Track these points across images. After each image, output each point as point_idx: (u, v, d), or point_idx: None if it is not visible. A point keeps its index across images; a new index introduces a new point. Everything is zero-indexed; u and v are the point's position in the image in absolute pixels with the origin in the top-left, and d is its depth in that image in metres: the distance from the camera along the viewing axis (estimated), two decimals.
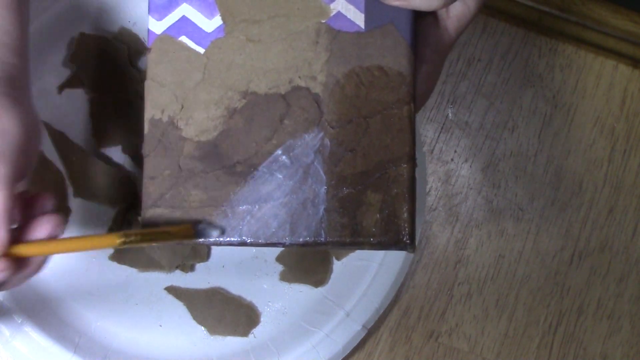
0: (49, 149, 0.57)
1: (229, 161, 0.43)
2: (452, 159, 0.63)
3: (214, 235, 0.43)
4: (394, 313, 0.60)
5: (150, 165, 0.44)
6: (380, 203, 0.43)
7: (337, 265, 0.59)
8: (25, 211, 0.41)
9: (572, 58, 0.65)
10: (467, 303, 0.61)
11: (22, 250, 0.39)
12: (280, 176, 0.43)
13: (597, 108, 0.65)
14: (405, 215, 0.43)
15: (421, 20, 0.45)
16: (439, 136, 0.63)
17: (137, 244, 0.41)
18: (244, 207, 0.43)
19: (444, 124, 0.63)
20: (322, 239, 0.43)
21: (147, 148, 0.44)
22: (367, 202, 0.43)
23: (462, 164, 0.63)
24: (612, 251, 0.63)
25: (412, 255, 0.59)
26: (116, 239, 0.40)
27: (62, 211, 0.57)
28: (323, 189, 0.43)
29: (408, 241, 0.43)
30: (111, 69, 0.58)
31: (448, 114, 0.63)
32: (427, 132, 0.63)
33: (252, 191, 0.43)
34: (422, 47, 0.45)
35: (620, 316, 0.62)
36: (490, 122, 0.64)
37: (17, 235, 0.40)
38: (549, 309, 0.62)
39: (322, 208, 0.43)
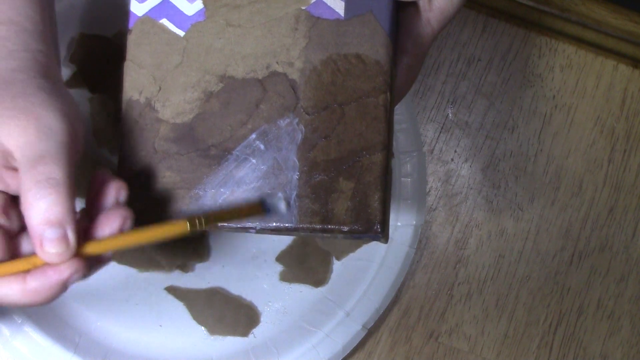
0: None
1: (203, 144, 0.43)
2: (452, 159, 0.63)
3: (283, 208, 0.42)
4: (394, 313, 0.60)
5: (125, 146, 0.44)
6: (352, 191, 0.43)
7: (337, 265, 0.59)
8: (96, 202, 0.40)
9: (572, 58, 0.65)
10: (467, 303, 0.61)
11: (92, 248, 0.38)
12: (254, 161, 0.43)
13: (597, 108, 0.65)
14: (377, 204, 0.42)
15: (403, 11, 0.45)
16: (439, 136, 0.63)
17: (206, 227, 0.40)
18: (217, 190, 0.43)
19: (444, 124, 0.63)
20: (292, 225, 0.42)
21: (123, 129, 0.44)
22: (339, 189, 0.43)
23: (462, 164, 0.63)
24: (612, 251, 0.63)
25: (412, 255, 0.59)
26: (184, 226, 0.39)
27: None
28: (296, 175, 0.43)
29: (379, 230, 0.42)
30: (111, 69, 0.58)
31: (448, 114, 0.64)
32: (427, 132, 0.63)
33: (225, 175, 0.43)
34: (403, 39, 0.45)
35: (620, 316, 0.62)
36: (490, 122, 0.64)
37: (87, 231, 0.39)
38: (549, 309, 0.62)
39: (294, 194, 0.43)
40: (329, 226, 0.43)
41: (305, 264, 0.58)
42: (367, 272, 0.58)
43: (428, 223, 0.62)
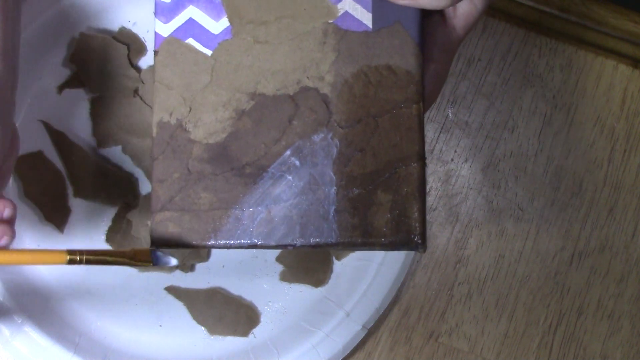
0: (49, 149, 0.57)
1: (238, 163, 0.43)
2: (452, 159, 0.63)
3: (171, 263, 0.43)
4: (394, 313, 0.60)
5: (159, 169, 0.43)
6: (390, 203, 0.43)
7: (337, 265, 0.59)
8: None
9: (572, 58, 0.65)
10: (467, 303, 0.61)
11: None
12: (290, 177, 0.43)
13: (597, 108, 0.65)
14: (416, 214, 0.43)
15: (428, 19, 0.45)
16: (439, 136, 0.63)
17: (89, 264, 0.40)
18: (254, 209, 0.43)
19: (444, 124, 0.63)
20: (333, 240, 0.43)
21: (155, 151, 0.44)
22: (378, 202, 0.43)
23: (462, 164, 0.63)
24: (612, 251, 0.63)
25: (412, 255, 0.59)
26: (62, 258, 0.40)
27: (62, 211, 0.57)
28: (333, 190, 0.43)
29: (419, 241, 0.43)
30: (111, 69, 0.58)
31: (448, 114, 0.63)
32: (427, 132, 0.63)
33: (261, 193, 0.43)
34: (430, 47, 0.45)
35: (620, 316, 0.62)
36: (490, 122, 0.64)
37: None
38: (549, 309, 0.62)
39: (332, 209, 0.43)
40: (370, 239, 0.43)
41: (305, 264, 0.58)
42: (367, 272, 0.58)
43: (428, 223, 0.62)
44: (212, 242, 0.43)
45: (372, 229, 0.43)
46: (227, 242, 0.43)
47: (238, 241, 0.43)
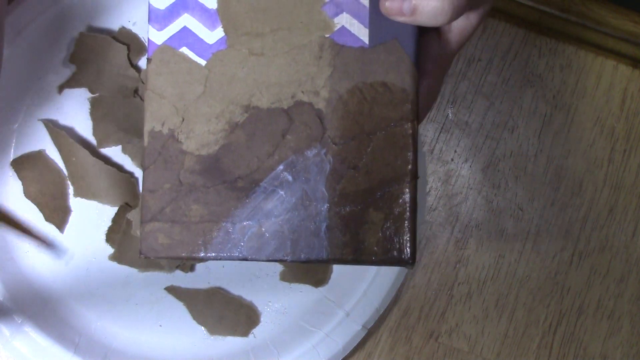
0: (49, 149, 0.57)
1: (230, 176, 0.43)
2: (452, 159, 0.63)
3: None
4: (394, 313, 0.60)
5: (150, 179, 0.43)
6: (382, 222, 0.42)
7: (337, 265, 0.59)
8: None
9: (572, 58, 0.65)
10: (467, 303, 0.61)
11: None
12: (282, 192, 0.43)
13: (597, 108, 0.65)
14: (407, 235, 0.43)
15: (423, 34, 0.45)
16: (439, 136, 0.63)
17: None
18: (245, 223, 0.43)
19: (444, 124, 0.63)
20: (324, 257, 0.42)
21: (147, 161, 0.43)
22: (370, 220, 0.42)
23: (462, 164, 0.63)
24: (612, 251, 0.63)
25: None
26: None
27: (62, 211, 0.57)
28: (325, 206, 0.43)
29: (410, 261, 0.43)
30: (111, 69, 0.58)
31: (448, 114, 0.63)
32: (427, 132, 0.63)
33: (253, 207, 0.43)
34: (424, 61, 0.44)
35: (620, 316, 0.62)
36: (490, 122, 0.64)
37: None
38: (549, 309, 0.62)
39: (324, 225, 0.42)
40: (361, 257, 0.42)
41: (305, 264, 0.58)
42: (367, 272, 0.58)
43: (428, 223, 0.62)
44: (202, 254, 0.42)
45: (363, 247, 0.42)
46: (217, 254, 0.43)
47: (228, 254, 0.43)
